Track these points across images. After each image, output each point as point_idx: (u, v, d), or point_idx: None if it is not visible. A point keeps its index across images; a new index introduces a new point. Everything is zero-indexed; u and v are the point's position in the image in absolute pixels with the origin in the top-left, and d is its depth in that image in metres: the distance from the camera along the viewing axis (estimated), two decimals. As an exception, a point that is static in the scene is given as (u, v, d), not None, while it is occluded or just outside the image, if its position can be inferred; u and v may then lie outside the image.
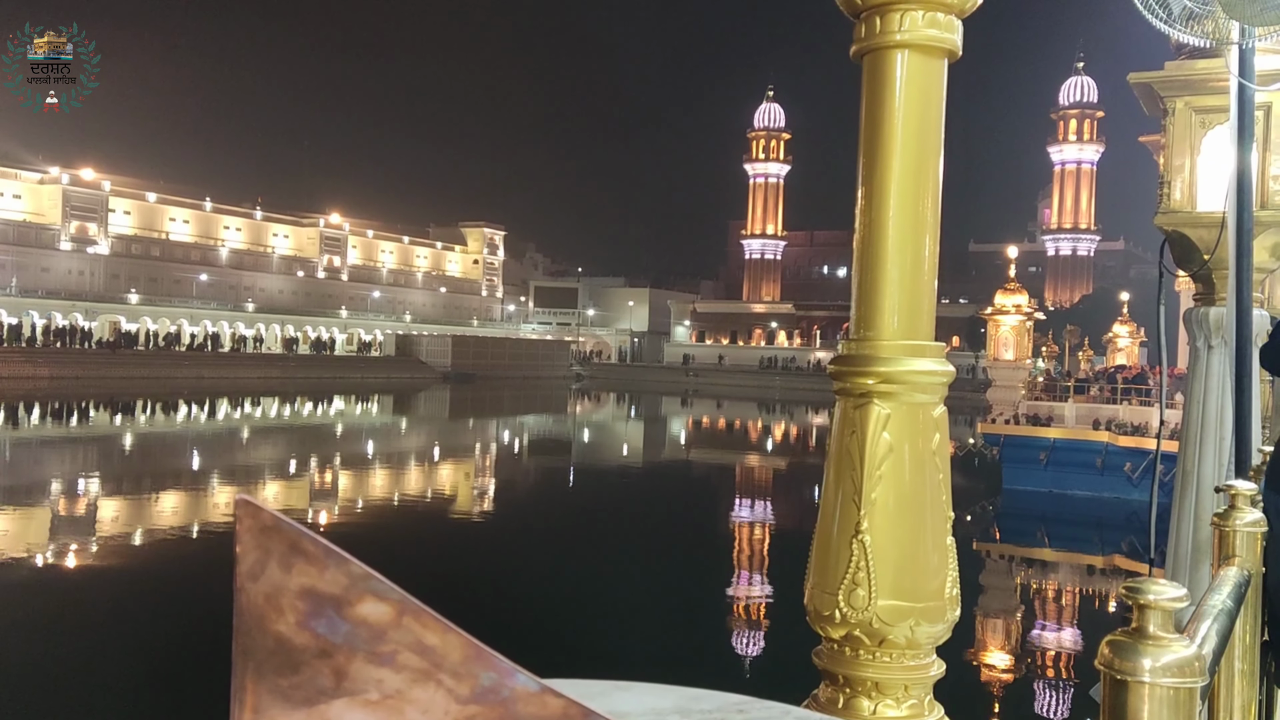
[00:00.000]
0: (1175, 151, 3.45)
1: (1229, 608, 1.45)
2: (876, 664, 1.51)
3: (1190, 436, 3.42)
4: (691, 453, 42.22)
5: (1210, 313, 3.41)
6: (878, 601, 1.49)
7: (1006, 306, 30.86)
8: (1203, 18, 2.93)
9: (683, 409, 68.46)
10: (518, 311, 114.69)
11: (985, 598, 17.13)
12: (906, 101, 1.53)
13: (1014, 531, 24.70)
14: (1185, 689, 0.88)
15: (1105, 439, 26.51)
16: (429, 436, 43.02)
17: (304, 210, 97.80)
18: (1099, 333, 44.45)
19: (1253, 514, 1.95)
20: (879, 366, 1.52)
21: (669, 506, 25.57)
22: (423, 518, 21.81)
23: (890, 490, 1.51)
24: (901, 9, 1.50)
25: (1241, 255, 2.98)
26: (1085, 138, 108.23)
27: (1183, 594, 0.91)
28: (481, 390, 73.10)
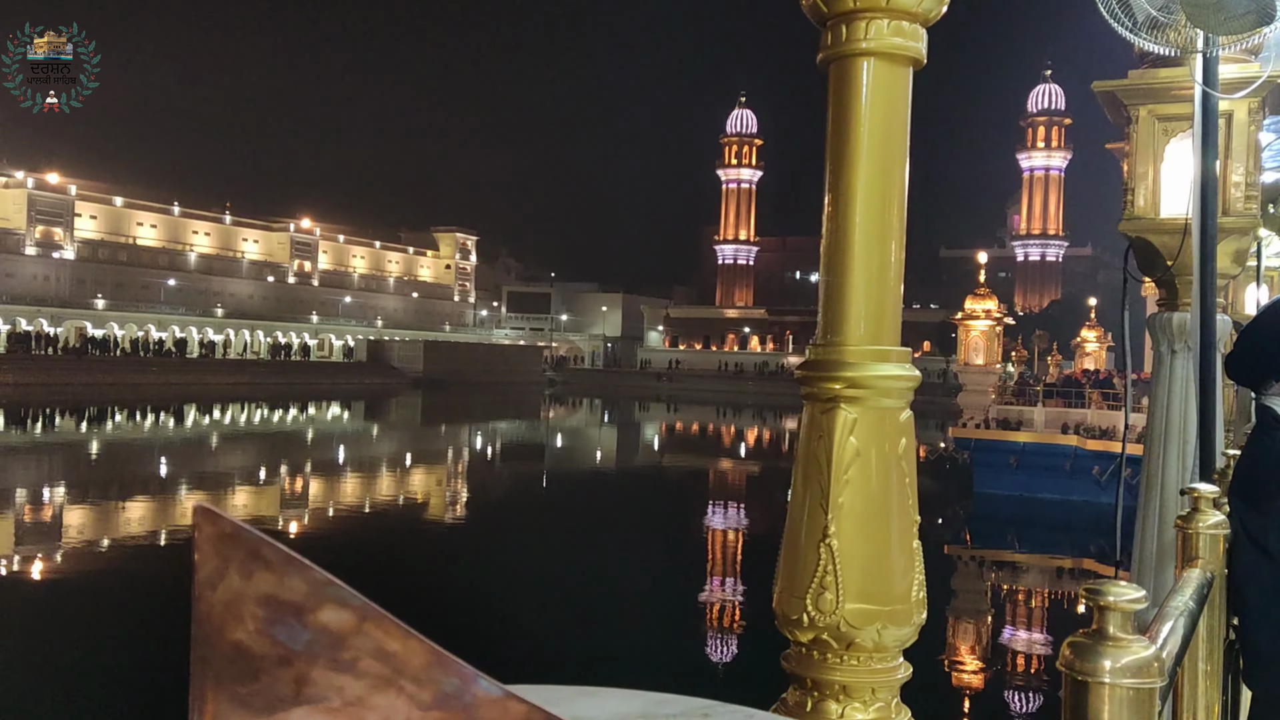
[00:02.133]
0: (1139, 159, 3.51)
1: (1192, 609, 1.47)
2: (844, 667, 1.51)
3: (1155, 440, 3.47)
4: (663, 458, 42.26)
5: (1174, 318, 3.46)
6: (845, 605, 1.50)
7: (977, 312, 31.16)
8: (1167, 26, 2.97)
9: (655, 414, 68.48)
10: (490, 317, 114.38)
11: (956, 600, 17.24)
12: (872, 109, 1.54)
13: (985, 535, 24.88)
14: (1145, 689, 0.90)
15: (1074, 443, 26.77)
16: (401, 443, 42.78)
17: (274, 215, 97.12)
18: (1067, 337, 44.93)
19: (1216, 516, 1.98)
20: (846, 371, 1.53)
21: (640, 511, 25.57)
22: (393, 524, 21.66)
23: (857, 494, 1.52)
24: (867, 18, 1.51)
25: (1205, 261, 3.03)
26: (1053, 145, 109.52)
27: (1141, 595, 0.92)
28: (454, 396, 72.77)
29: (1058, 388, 30.46)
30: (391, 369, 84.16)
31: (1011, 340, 36.72)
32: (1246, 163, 3.47)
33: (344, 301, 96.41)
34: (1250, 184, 3.48)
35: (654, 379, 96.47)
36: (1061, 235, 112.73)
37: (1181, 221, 3.22)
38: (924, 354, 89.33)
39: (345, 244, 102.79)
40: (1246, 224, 3.48)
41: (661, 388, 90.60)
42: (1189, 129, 3.26)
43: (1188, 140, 3.34)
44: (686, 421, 62.29)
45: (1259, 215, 3.58)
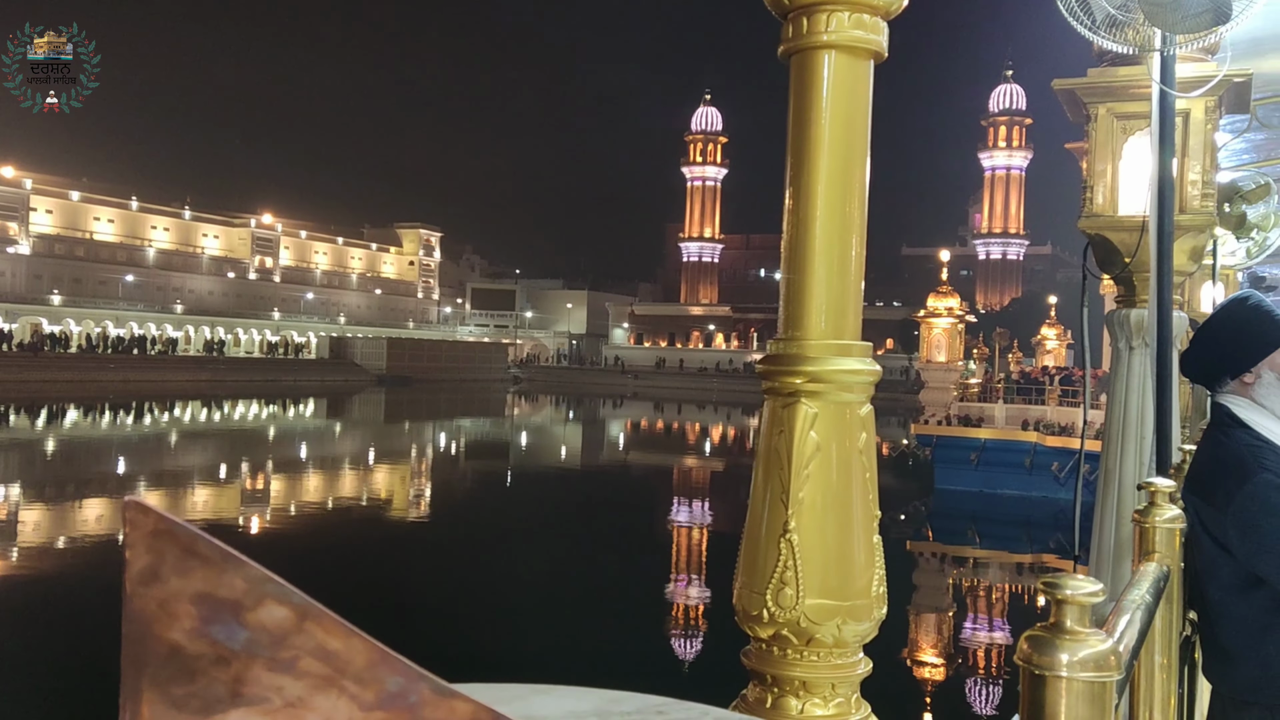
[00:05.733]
0: (1098, 157, 3.54)
1: (1148, 603, 1.48)
2: (804, 663, 1.51)
3: (1112, 436, 3.51)
4: (627, 454, 42.26)
5: (1131, 314, 3.50)
6: (805, 601, 1.49)
7: (939, 309, 31.42)
8: (1125, 25, 3.00)
9: (620, 411, 68.49)
10: (454, 314, 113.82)
11: (918, 596, 17.40)
12: (833, 102, 1.54)
13: (946, 531, 25.12)
14: (1101, 683, 0.89)
15: (1034, 439, 27.10)
16: (363, 441, 42.46)
17: (234, 210, 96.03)
18: (1028, 335, 45.47)
19: (1172, 510, 1.99)
20: (806, 366, 1.52)
21: (603, 508, 25.53)
22: (352, 522, 21.48)
23: (818, 489, 1.51)
24: (828, 10, 1.51)
25: (1162, 258, 3.06)
26: (1014, 144, 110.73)
27: (1099, 589, 0.92)
28: (418, 393, 72.34)
29: (1019, 385, 30.81)
30: (354, 366, 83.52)
31: (973, 338, 37.07)
32: (1203, 161, 3.52)
33: (306, 298, 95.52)
34: (1207, 182, 3.53)
35: (619, 376, 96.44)
36: (1022, 234, 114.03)
37: (1139, 219, 3.26)
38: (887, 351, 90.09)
39: (308, 240, 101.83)
40: (1203, 222, 3.53)
41: (628, 385, 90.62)
42: (1147, 127, 3.30)
43: (1146, 138, 3.38)
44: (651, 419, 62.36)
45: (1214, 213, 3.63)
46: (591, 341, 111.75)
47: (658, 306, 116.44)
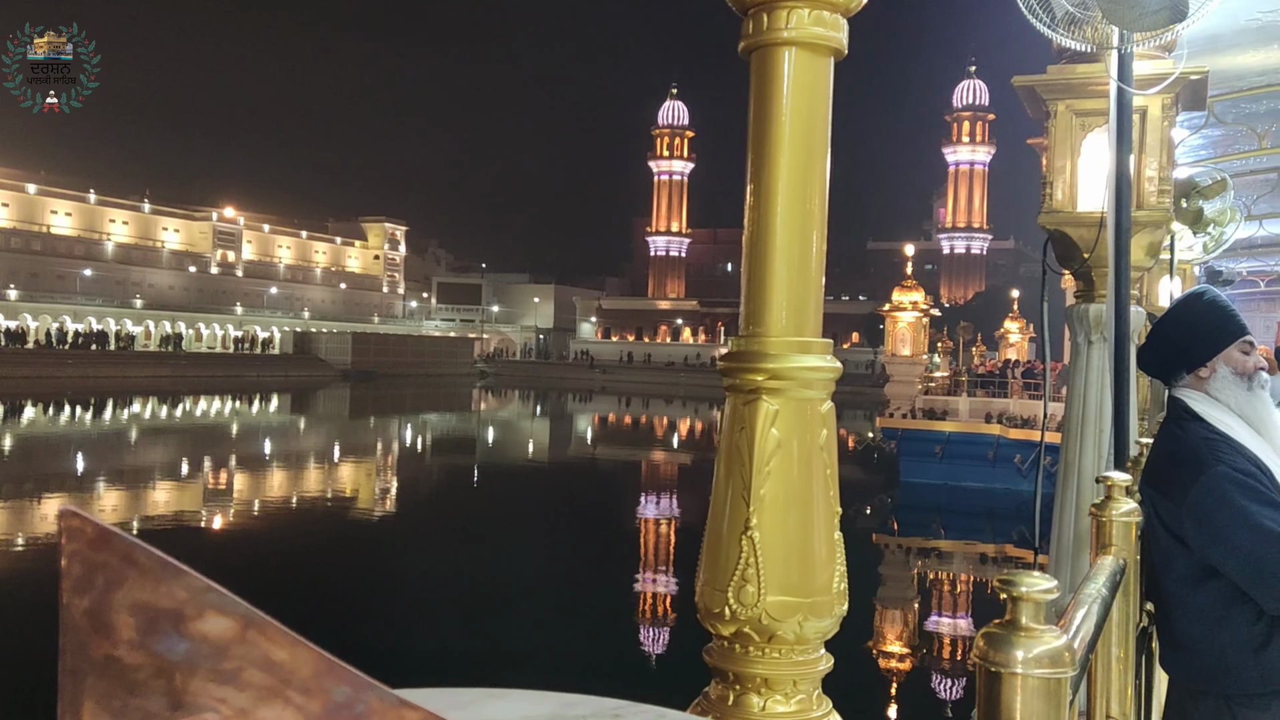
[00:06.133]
0: (1057, 153, 3.58)
1: (1104, 596, 1.49)
2: (766, 660, 1.51)
3: (1072, 429, 3.55)
4: (595, 449, 42.23)
5: (1090, 309, 3.54)
6: (767, 598, 1.49)
7: (903, 303, 31.63)
8: (1084, 23, 3.03)
9: (588, 405, 68.43)
10: (420, 308, 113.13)
11: (884, 588, 17.54)
12: (794, 99, 1.54)
13: (911, 523, 25.32)
14: (1056, 679, 0.90)
15: (997, 432, 27.37)
16: (327, 436, 42.11)
17: (195, 203, 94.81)
18: (991, 328, 45.92)
19: (1128, 505, 2.02)
20: (767, 363, 1.52)
21: (569, 505, 25.47)
22: (313, 520, 21.26)
23: (779, 486, 1.52)
24: (788, 7, 1.51)
25: (1120, 254, 3.09)
26: (977, 139, 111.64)
27: (1053, 585, 0.93)
28: (383, 388, 71.86)
29: (981, 378, 31.11)
30: (319, 361, 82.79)
31: (937, 331, 37.39)
32: (1160, 157, 3.56)
33: (269, 292, 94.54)
34: (1164, 178, 3.57)
35: (587, 370, 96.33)
36: (986, 228, 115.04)
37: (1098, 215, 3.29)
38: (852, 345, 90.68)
39: (270, 234, 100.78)
40: (1159, 217, 3.57)
41: (595, 379, 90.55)
42: (1105, 124, 3.33)
43: (1104, 135, 3.42)
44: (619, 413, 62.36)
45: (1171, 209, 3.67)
46: (559, 336, 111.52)
47: (625, 301, 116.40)
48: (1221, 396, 2.51)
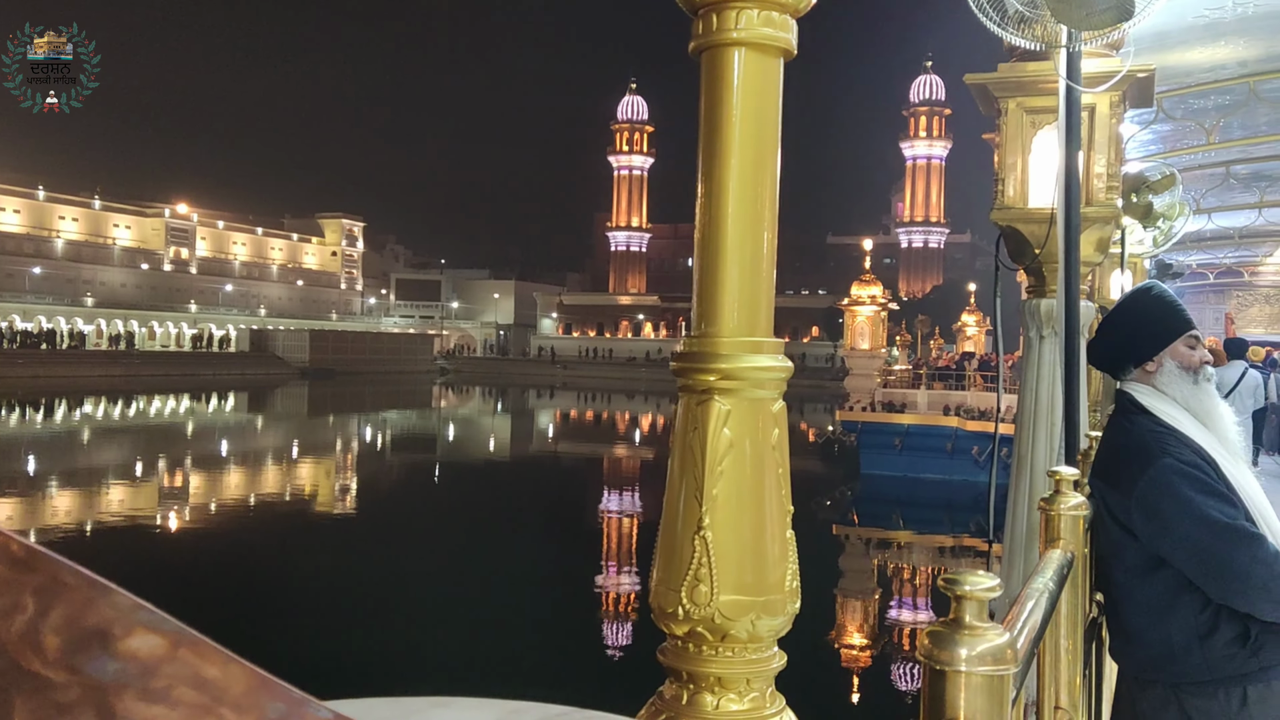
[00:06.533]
0: (1008, 150, 3.62)
1: (1052, 590, 1.51)
2: (719, 659, 1.52)
3: (1024, 422, 3.60)
4: (554, 446, 42.15)
5: (1041, 304, 3.59)
6: (720, 597, 1.50)
7: (862, 298, 31.86)
8: (1033, 21, 3.06)
9: (549, 401, 68.28)
10: (379, 305, 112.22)
11: (845, 580, 17.68)
12: (744, 98, 1.54)
13: (871, 515, 25.56)
14: (999, 676, 0.91)
15: (955, 424, 27.66)
16: (285, 435, 41.67)
17: (148, 200, 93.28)
18: (949, 321, 46.38)
19: (1076, 498, 2.05)
20: (719, 363, 1.53)
21: (528, 502, 25.31)
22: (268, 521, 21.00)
23: (731, 486, 1.52)
24: (738, 7, 1.51)
25: (1069, 250, 3.14)
26: (934, 134, 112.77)
27: (996, 584, 0.94)
28: (341, 386, 71.23)
29: (939, 371, 31.43)
30: (276, 359, 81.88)
31: (896, 325, 37.71)
32: (1108, 154, 3.61)
33: (225, 290, 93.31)
34: (1112, 175, 3.63)
35: (548, 366, 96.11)
36: (943, 222, 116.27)
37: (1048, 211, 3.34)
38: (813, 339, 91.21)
39: (225, 230, 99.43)
40: (1108, 214, 3.62)
41: (557, 375, 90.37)
42: (1055, 121, 3.38)
43: (1054, 132, 3.46)
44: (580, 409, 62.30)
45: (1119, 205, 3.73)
46: (519, 332, 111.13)
47: (586, 296, 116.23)
48: (1168, 390, 2.55)
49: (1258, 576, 2.24)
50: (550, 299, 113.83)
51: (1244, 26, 8.35)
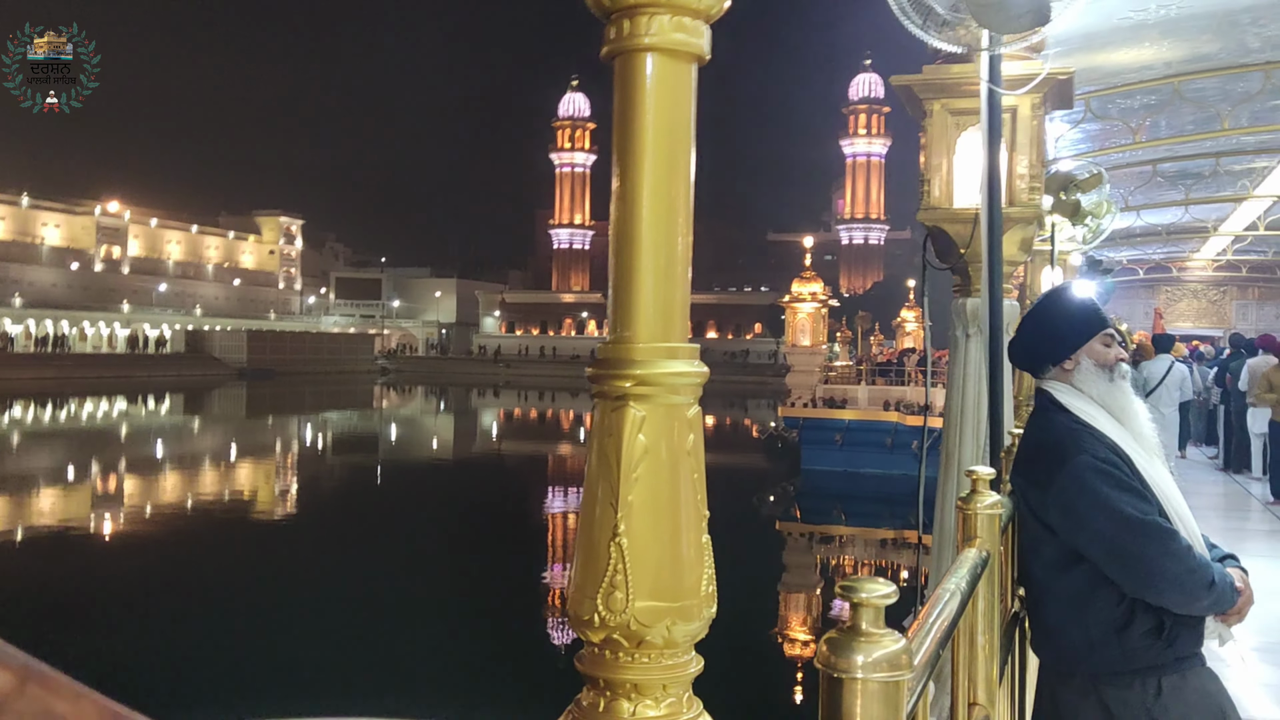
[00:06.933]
0: (933, 151, 3.67)
1: (964, 589, 1.54)
2: (635, 665, 1.52)
3: (952, 419, 3.66)
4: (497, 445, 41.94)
5: (968, 303, 3.65)
6: (635, 603, 1.50)
7: (803, 294, 32.10)
8: (955, 25, 3.10)
9: (492, 400, 67.92)
10: (318, 304, 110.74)
11: (788, 575, 17.83)
12: (657, 104, 1.54)
13: (813, 510, 25.79)
14: (894, 682, 0.92)
15: (894, 419, 28.00)
16: (223, 437, 40.93)
17: (77, 197, 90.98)
18: (889, 317, 46.97)
19: (992, 497, 2.08)
20: (635, 369, 1.53)
21: (466, 505, 24.71)
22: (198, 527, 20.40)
23: (647, 492, 1.52)
24: (649, 12, 1.51)
25: (992, 249, 3.19)
26: (874, 132, 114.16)
27: (891, 591, 0.95)
28: (281, 387, 70.13)
29: (880, 367, 31.81)
30: (213, 360, 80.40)
31: (836, 321, 38.07)
32: (1030, 155, 3.68)
33: (159, 289, 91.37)
34: (1034, 175, 3.69)
35: (491, 365, 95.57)
36: (883, 219, 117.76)
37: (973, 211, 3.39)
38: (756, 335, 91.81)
39: (159, 228, 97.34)
40: (1030, 213, 3.69)
41: (500, 374, 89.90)
42: (978, 122, 3.43)
43: (978, 133, 3.52)
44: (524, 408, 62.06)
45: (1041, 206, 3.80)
46: (462, 330, 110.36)
47: (529, 294, 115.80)
48: (1085, 388, 2.61)
49: (1170, 570, 2.30)
50: (493, 297, 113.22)
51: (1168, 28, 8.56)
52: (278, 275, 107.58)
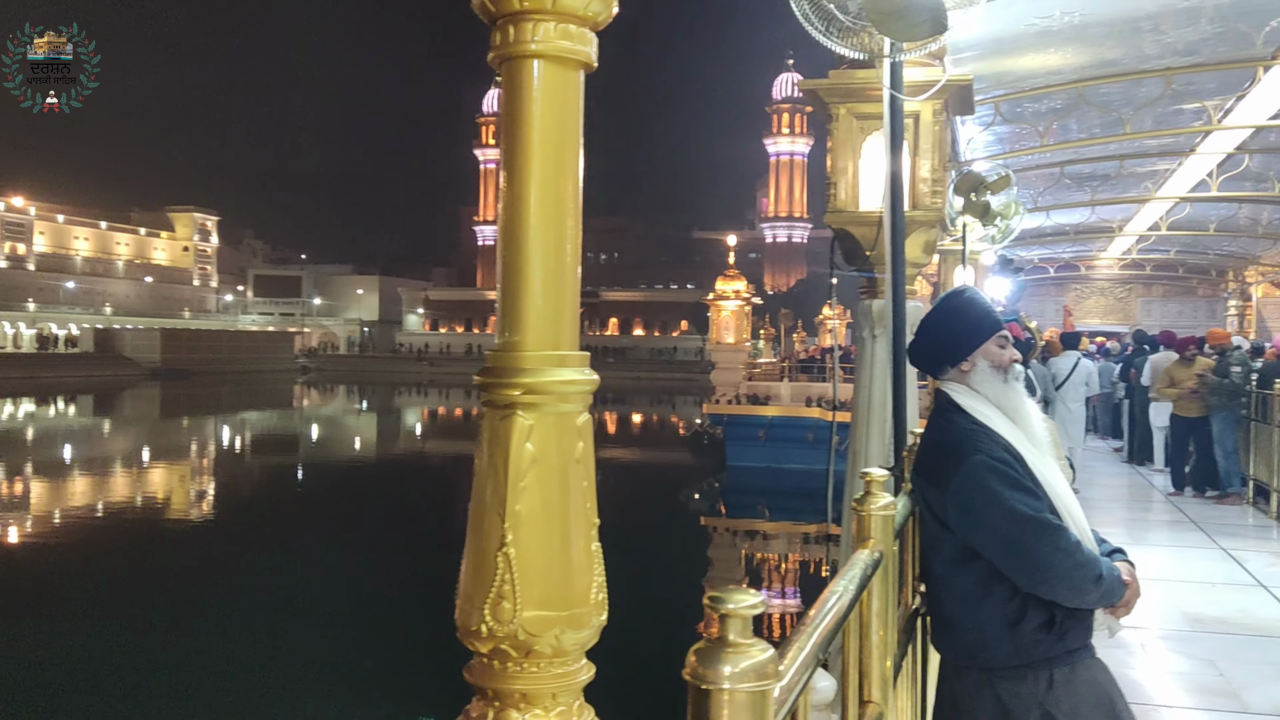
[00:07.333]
0: (839, 155, 3.73)
1: (852, 591, 1.56)
2: (524, 675, 1.51)
3: (859, 417, 3.72)
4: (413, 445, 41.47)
5: (874, 305, 3.71)
6: (523, 613, 1.49)
7: (727, 292, 32.35)
8: (858, 31, 3.15)
9: (415, 399, 67.13)
10: (236, 302, 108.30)
11: (713, 570, 17.95)
12: (544, 110, 1.53)
13: (738, 506, 26.02)
14: (760, 692, 0.93)
15: (816, 415, 28.36)
16: (135, 439, 39.76)
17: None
18: (812, 315, 47.59)
19: (885, 498, 2.12)
20: (523, 378, 1.52)
21: (374, 509, 23.82)
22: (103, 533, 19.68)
23: (535, 501, 1.52)
24: (535, 19, 1.50)
25: (896, 252, 3.25)
26: (796, 131, 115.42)
27: (758, 601, 0.96)
28: (197, 387, 68.39)
29: (802, 364, 32.21)
30: (125, 360, 78.07)
31: (760, 319, 38.43)
32: (933, 159, 3.75)
33: (66, 287, 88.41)
34: (937, 179, 3.77)
35: (415, 363, 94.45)
36: (806, 218, 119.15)
37: (878, 214, 3.44)
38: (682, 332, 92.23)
39: (66, 224, 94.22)
40: (933, 216, 3.76)
41: (425, 372, 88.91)
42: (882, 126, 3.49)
43: (882, 138, 3.58)
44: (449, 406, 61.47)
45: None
46: (385, 328, 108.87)
47: (453, 291, 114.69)
48: (981, 389, 2.67)
49: (1059, 565, 2.37)
50: (416, 294, 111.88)
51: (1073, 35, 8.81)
52: (192, 272, 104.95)
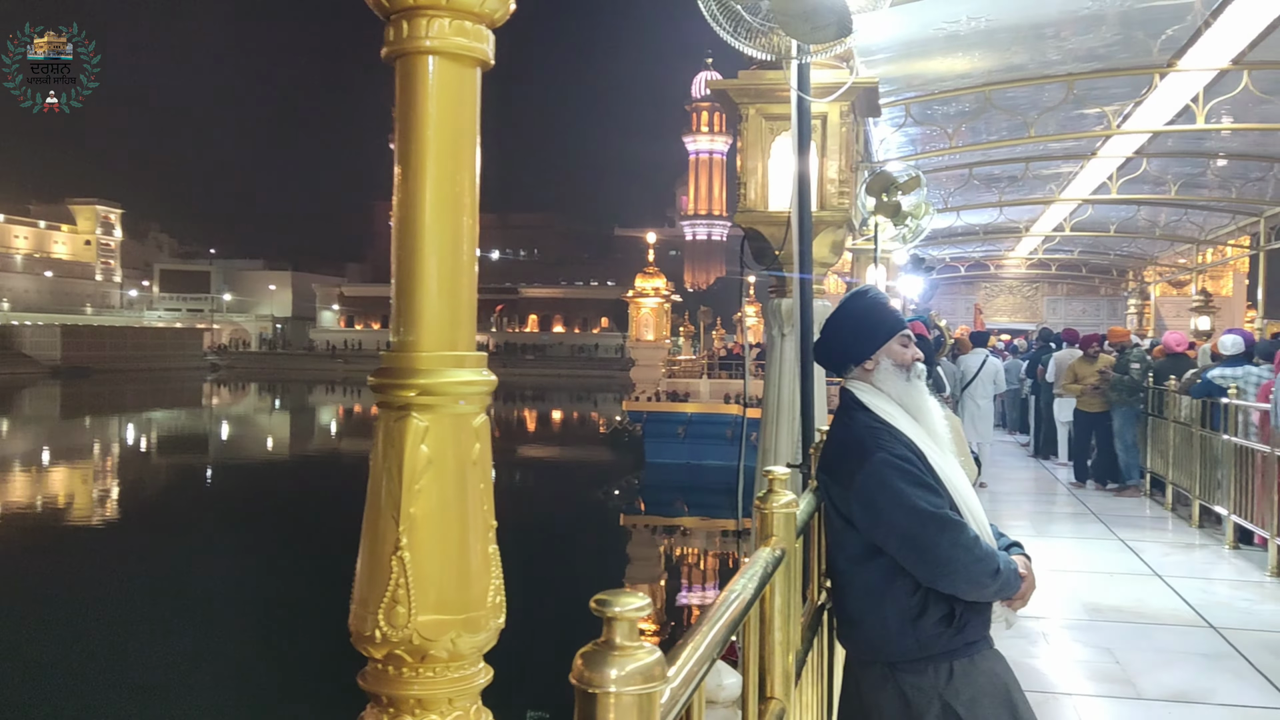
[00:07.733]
0: (749, 155, 3.76)
1: (751, 589, 1.57)
2: (420, 680, 1.49)
3: (769, 415, 3.76)
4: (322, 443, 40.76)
5: (783, 303, 3.75)
6: (418, 617, 1.47)
7: (646, 290, 32.46)
8: (766, 33, 3.18)
9: (328, 397, 65.93)
10: (141, 298, 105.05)
11: (632, 567, 18.01)
12: (440, 108, 1.51)
13: (656, 502, 26.12)
14: (646, 695, 0.93)
15: (735, 412, 28.60)
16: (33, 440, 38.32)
17: None
18: (731, 312, 48.01)
19: (787, 496, 2.15)
20: (419, 379, 1.49)
21: (279, 508, 23.32)
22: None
23: (431, 504, 1.49)
24: (429, 15, 1.48)
25: (803, 252, 3.29)
26: (715, 130, 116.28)
27: (645, 604, 0.96)
28: (99, 385, 66.18)
29: (722, 360, 32.47)
30: (23, 357, 75.21)
31: (680, 316, 38.61)
32: (840, 160, 3.81)
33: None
34: (844, 180, 3.83)
35: (329, 360, 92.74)
36: (725, 216, 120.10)
37: (786, 214, 3.48)
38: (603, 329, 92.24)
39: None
40: (840, 217, 3.82)
41: (337, 369, 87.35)
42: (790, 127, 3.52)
43: (789, 138, 3.61)
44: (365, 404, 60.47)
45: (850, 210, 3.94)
46: (298, 325, 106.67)
47: (368, 287, 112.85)
48: (884, 387, 2.71)
49: (958, 560, 2.43)
50: (330, 290, 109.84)
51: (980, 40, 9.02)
52: (95, 267, 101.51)
